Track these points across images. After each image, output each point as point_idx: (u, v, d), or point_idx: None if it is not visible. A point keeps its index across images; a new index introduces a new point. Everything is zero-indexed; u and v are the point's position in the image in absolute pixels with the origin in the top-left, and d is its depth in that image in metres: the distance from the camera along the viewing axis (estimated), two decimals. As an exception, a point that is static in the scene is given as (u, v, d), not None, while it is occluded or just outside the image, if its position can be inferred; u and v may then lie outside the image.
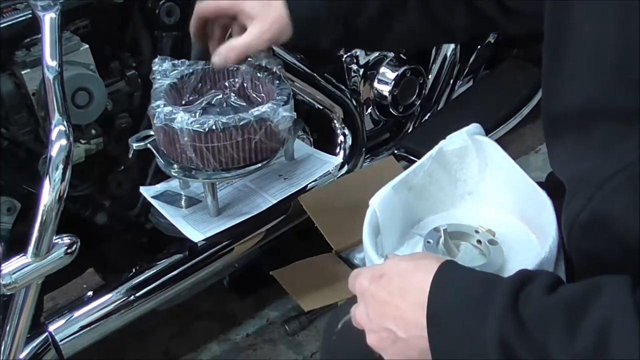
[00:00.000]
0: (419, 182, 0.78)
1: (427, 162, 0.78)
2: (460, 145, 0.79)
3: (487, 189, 0.81)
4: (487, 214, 0.80)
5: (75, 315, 1.28)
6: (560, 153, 0.70)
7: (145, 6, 1.30)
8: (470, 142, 0.79)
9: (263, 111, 1.08)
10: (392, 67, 1.67)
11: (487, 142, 0.79)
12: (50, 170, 1.03)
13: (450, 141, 0.79)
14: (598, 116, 0.63)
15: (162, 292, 1.36)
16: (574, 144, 0.67)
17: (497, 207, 0.80)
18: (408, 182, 0.77)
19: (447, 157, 0.79)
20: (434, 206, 0.81)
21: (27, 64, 1.14)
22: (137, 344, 1.66)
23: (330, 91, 1.59)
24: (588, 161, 0.64)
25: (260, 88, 1.19)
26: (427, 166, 0.78)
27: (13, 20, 1.14)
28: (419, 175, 0.77)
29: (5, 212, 1.22)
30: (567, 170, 0.69)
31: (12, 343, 1.11)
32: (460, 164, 0.80)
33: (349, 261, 1.44)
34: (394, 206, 0.75)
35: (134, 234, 1.47)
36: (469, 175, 0.81)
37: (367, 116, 1.74)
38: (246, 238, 1.42)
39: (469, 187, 0.81)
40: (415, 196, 0.78)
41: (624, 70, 0.59)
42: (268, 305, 1.74)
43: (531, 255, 0.70)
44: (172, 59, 1.19)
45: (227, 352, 1.64)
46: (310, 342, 1.65)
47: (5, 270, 1.01)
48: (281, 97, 1.12)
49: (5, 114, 1.17)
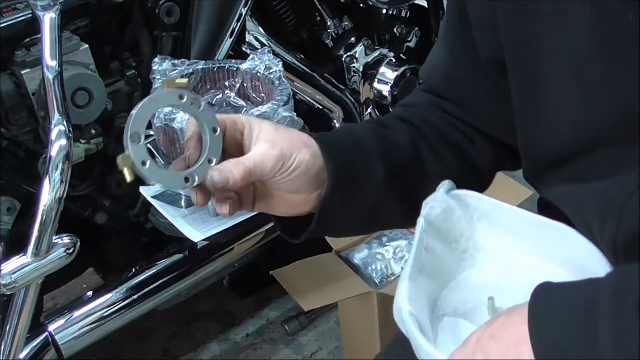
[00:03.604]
0: (424, 261, 0.73)
1: (424, 237, 0.73)
2: (442, 207, 0.74)
3: (482, 242, 0.77)
4: (493, 267, 0.76)
5: (75, 315, 1.27)
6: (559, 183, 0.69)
7: (145, 6, 1.30)
8: (452, 200, 0.75)
9: (263, 111, 1.08)
10: (392, 67, 1.67)
11: (467, 195, 0.75)
12: (50, 170, 1.03)
13: (431, 207, 0.74)
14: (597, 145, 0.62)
15: (162, 292, 1.36)
16: (574, 174, 0.66)
17: (502, 256, 0.76)
18: (418, 265, 0.72)
19: (436, 224, 0.74)
20: (442, 280, 0.76)
21: (27, 64, 1.14)
22: (137, 344, 1.66)
23: (330, 91, 1.59)
24: (599, 185, 0.63)
25: (260, 88, 1.20)
26: (425, 242, 0.73)
27: (13, 20, 1.14)
28: (423, 254, 0.73)
29: (5, 212, 1.22)
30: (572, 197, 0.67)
31: (12, 343, 1.11)
32: (448, 225, 0.76)
33: (349, 261, 1.44)
34: (419, 297, 0.70)
35: (134, 234, 1.47)
36: (459, 233, 0.76)
37: (367, 116, 1.73)
38: (246, 238, 1.42)
39: (463, 246, 0.77)
40: (427, 277, 0.73)
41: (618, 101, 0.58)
42: (268, 305, 1.74)
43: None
44: (172, 59, 1.19)
45: (227, 352, 1.64)
46: (310, 342, 1.65)
47: (5, 270, 1.01)
48: (281, 97, 1.12)
49: (5, 114, 1.17)
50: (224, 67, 1.24)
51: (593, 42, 0.58)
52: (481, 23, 0.69)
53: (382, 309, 1.35)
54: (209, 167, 0.66)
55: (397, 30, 1.71)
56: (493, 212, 0.75)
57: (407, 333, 0.65)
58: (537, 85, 0.65)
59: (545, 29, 0.62)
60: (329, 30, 1.63)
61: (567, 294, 0.57)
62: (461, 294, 0.75)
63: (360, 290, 1.34)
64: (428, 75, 0.81)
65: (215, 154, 0.67)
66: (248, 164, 0.66)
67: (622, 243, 0.62)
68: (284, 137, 0.68)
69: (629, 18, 0.56)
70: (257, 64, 1.18)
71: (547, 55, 0.63)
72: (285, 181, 0.68)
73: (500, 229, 0.76)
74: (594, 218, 0.65)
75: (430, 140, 0.77)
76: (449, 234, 0.76)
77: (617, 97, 0.59)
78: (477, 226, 0.77)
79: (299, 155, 0.68)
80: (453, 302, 0.75)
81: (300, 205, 0.72)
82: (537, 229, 0.73)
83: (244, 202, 0.72)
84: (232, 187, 0.66)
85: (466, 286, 0.76)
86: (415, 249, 0.72)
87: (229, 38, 1.37)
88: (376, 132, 0.75)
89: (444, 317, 0.74)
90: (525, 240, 0.75)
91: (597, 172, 0.63)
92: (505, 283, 0.74)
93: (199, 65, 1.18)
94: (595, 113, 0.61)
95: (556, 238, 0.71)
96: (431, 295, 0.74)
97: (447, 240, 0.76)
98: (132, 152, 0.62)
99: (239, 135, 0.69)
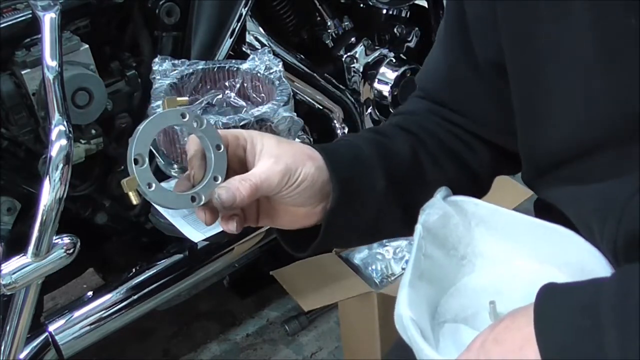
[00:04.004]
0: (423, 267, 0.72)
1: (422, 243, 0.73)
2: (439, 213, 0.74)
3: (481, 248, 0.77)
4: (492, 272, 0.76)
5: (75, 315, 1.28)
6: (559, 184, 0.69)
7: (145, 6, 1.30)
8: (448, 206, 0.74)
9: (263, 111, 1.08)
10: (392, 67, 1.67)
11: (464, 201, 0.75)
12: (50, 170, 1.03)
13: (428, 213, 0.74)
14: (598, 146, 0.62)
15: (162, 292, 1.36)
16: (574, 175, 0.66)
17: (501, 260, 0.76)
18: (417, 271, 0.72)
19: (434, 230, 0.74)
20: (441, 287, 0.76)
21: (27, 64, 1.14)
22: (137, 344, 1.66)
23: (330, 91, 1.59)
24: (599, 186, 0.63)
25: (260, 88, 1.20)
26: (423, 248, 0.73)
27: (13, 20, 1.14)
28: (421, 260, 0.72)
29: (5, 212, 1.22)
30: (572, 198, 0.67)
31: (12, 343, 1.11)
32: (446, 232, 0.75)
33: (349, 261, 1.44)
34: (419, 303, 0.70)
35: (134, 234, 1.47)
36: (457, 239, 0.76)
37: (367, 116, 1.73)
38: (246, 238, 1.42)
39: (461, 252, 0.77)
40: (427, 283, 0.73)
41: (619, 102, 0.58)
42: (268, 305, 1.74)
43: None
44: (172, 59, 1.19)
45: (227, 352, 1.64)
46: (310, 342, 1.65)
47: (5, 270, 1.01)
48: (281, 97, 1.12)
49: (5, 114, 1.17)
50: (224, 67, 1.24)
51: (593, 43, 0.58)
52: (480, 24, 0.69)
53: (382, 309, 1.35)
54: (215, 184, 0.66)
55: (397, 30, 1.71)
56: (490, 217, 0.75)
57: (408, 340, 0.65)
58: (537, 85, 0.65)
59: (545, 30, 0.62)
60: (329, 30, 1.63)
61: (570, 295, 0.57)
62: (461, 300, 0.75)
63: (360, 290, 1.34)
64: (426, 79, 0.81)
65: (220, 171, 0.66)
66: (254, 180, 0.65)
67: (622, 243, 0.62)
68: (288, 151, 0.68)
69: (631, 20, 0.56)
70: (257, 64, 1.18)
71: (547, 56, 0.63)
72: (290, 195, 0.68)
73: (498, 234, 0.75)
74: (594, 219, 0.65)
75: (429, 148, 0.77)
76: (446, 240, 0.76)
77: (617, 97, 0.59)
78: (475, 232, 0.76)
79: (304, 169, 0.67)
80: (453, 308, 0.74)
81: (304, 218, 0.72)
82: (535, 232, 0.72)
83: (247, 217, 0.71)
84: (239, 204, 0.65)
85: (466, 292, 0.75)
86: (414, 256, 0.72)
87: (229, 38, 1.37)
88: (375, 142, 0.75)
89: (445, 324, 0.73)
90: (524, 244, 0.74)
91: (597, 173, 0.63)
92: (505, 288, 0.74)
93: (199, 65, 1.18)
94: (596, 114, 0.60)
95: (554, 241, 0.71)
96: (431, 302, 0.74)
97: (445, 247, 0.76)
98: (137, 175, 0.62)
99: (241, 151, 0.69)
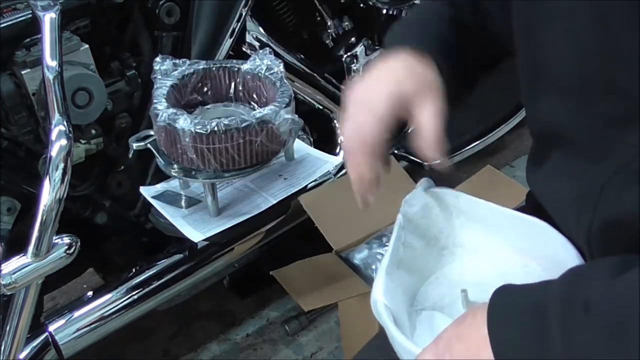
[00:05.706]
0: (402, 256, 0.75)
1: (401, 233, 0.75)
2: (421, 204, 0.77)
3: (461, 238, 0.79)
4: (472, 262, 0.78)
5: (75, 315, 1.28)
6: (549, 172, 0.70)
7: (145, 6, 1.30)
8: (430, 197, 0.77)
9: (265, 113, 1.08)
10: (392, 67, 1.67)
11: (445, 192, 0.78)
12: (50, 170, 1.03)
13: (410, 204, 0.77)
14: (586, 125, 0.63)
15: (162, 292, 1.36)
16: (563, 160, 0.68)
17: (480, 251, 0.78)
18: (395, 260, 0.74)
19: (414, 221, 0.77)
20: (421, 275, 0.78)
21: (27, 64, 1.14)
22: (137, 344, 1.66)
23: (330, 91, 1.59)
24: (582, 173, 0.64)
25: (261, 88, 1.20)
26: (403, 238, 0.75)
27: (13, 20, 1.14)
28: (400, 249, 0.75)
29: (5, 212, 1.22)
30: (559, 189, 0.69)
31: (12, 343, 1.11)
32: (427, 222, 0.78)
33: (349, 261, 1.44)
34: (395, 290, 0.72)
35: (134, 234, 1.47)
36: (438, 230, 0.79)
37: (367, 116, 1.73)
38: (246, 238, 1.42)
39: (442, 242, 0.79)
40: (405, 272, 0.75)
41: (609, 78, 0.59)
42: (268, 305, 1.74)
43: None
44: (173, 59, 1.19)
45: (227, 352, 1.64)
46: (310, 342, 1.65)
47: (5, 270, 1.01)
48: (282, 99, 1.12)
49: (5, 114, 1.17)
50: (225, 67, 1.24)
51: (593, 33, 0.59)
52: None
53: (382, 309, 1.35)
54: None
55: (397, 30, 1.71)
56: (470, 209, 0.77)
57: (383, 324, 0.67)
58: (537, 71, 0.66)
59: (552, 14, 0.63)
60: (329, 30, 1.63)
61: (520, 296, 0.59)
62: (440, 289, 0.77)
63: (360, 290, 1.34)
64: None
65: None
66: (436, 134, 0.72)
67: (596, 232, 0.64)
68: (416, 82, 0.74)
69: (629, 9, 0.56)
70: (258, 64, 1.18)
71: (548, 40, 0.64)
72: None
73: (478, 225, 0.78)
74: (570, 210, 0.67)
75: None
76: (428, 230, 0.78)
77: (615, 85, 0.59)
78: (456, 223, 0.79)
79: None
80: (432, 296, 0.77)
81: None
82: (514, 224, 0.75)
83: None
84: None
85: (445, 281, 0.78)
86: (393, 245, 0.75)
87: (229, 38, 1.37)
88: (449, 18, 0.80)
89: (422, 311, 0.76)
90: (502, 235, 0.77)
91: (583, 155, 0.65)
92: (484, 277, 0.76)
93: (200, 65, 1.18)
94: (594, 101, 0.62)
95: (531, 233, 0.73)
96: (409, 290, 0.76)
97: (426, 237, 0.78)
98: None
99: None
